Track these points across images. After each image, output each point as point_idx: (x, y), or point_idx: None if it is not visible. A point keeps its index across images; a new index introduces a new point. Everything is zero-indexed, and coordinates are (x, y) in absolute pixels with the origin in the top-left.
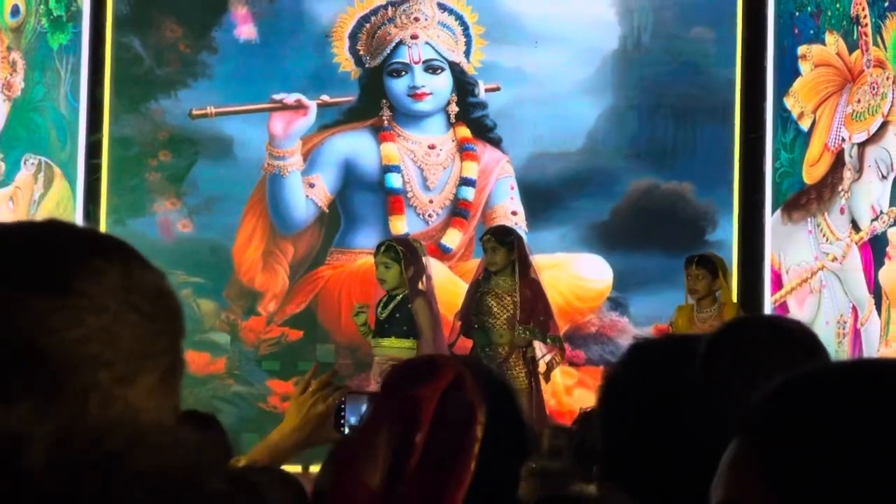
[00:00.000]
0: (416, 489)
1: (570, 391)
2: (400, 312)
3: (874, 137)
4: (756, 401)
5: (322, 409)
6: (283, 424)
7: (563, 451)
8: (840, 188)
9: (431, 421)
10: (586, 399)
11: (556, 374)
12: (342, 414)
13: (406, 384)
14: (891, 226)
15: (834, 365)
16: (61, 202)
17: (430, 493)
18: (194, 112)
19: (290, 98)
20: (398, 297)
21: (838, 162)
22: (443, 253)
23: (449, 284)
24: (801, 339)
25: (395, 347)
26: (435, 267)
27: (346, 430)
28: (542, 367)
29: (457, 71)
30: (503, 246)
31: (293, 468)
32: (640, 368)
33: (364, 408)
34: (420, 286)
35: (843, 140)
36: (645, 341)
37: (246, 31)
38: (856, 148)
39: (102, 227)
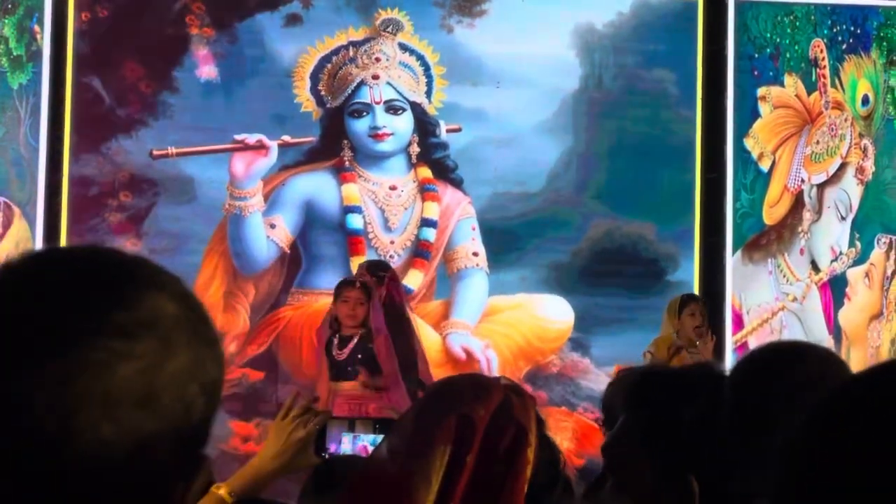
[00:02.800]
0: None
1: None
2: (362, 352)
3: (833, 179)
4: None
5: (302, 435)
6: (264, 450)
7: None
8: (800, 229)
9: (482, 442)
10: None
11: None
12: (323, 439)
13: (455, 401)
14: (850, 266)
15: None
16: (20, 242)
17: None
18: (155, 152)
19: (252, 138)
20: (355, 338)
21: (798, 203)
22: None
23: None
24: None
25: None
26: None
27: (325, 455)
28: None
29: (418, 111)
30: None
31: None
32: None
33: (346, 435)
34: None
35: (803, 181)
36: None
37: (207, 71)
38: (815, 189)
39: None
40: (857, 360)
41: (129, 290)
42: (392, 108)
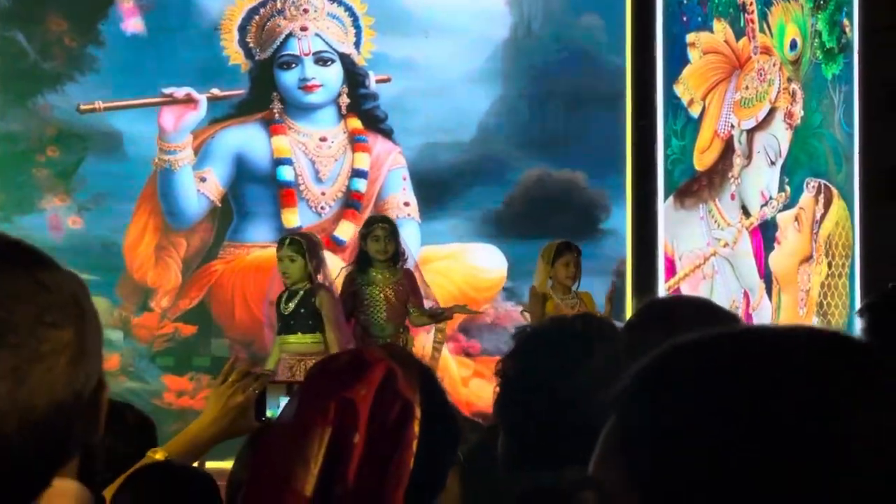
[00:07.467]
0: (355, 492)
1: (466, 382)
2: (305, 307)
3: (762, 124)
4: (623, 381)
5: (241, 400)
6: (203, 416)
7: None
8: (730, 174)
9: (368, 421)
10: (483, 390)
11: (452, 365)
12: (263, 404)
13: (335, 383)
14: (780, 211)
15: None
16: None
17: (370, 494)
18: (82, 107)
19: (180, 92)
20: (301, 292)
21: (728, 148)
22: (336, 245)
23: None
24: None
25: (303, 343)
26: (329, 259)
27: (265, 420)
28: (429, 352)
29: (347, 62)
30: (396, 235)
31: None
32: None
33: (284, 400)
34: (320, 279)
35: (733, 126)
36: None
37: (133, 24)
38: (745, 134)
39: None
40: (787, 304)
41: (44, 272)
42: (321, 60)
